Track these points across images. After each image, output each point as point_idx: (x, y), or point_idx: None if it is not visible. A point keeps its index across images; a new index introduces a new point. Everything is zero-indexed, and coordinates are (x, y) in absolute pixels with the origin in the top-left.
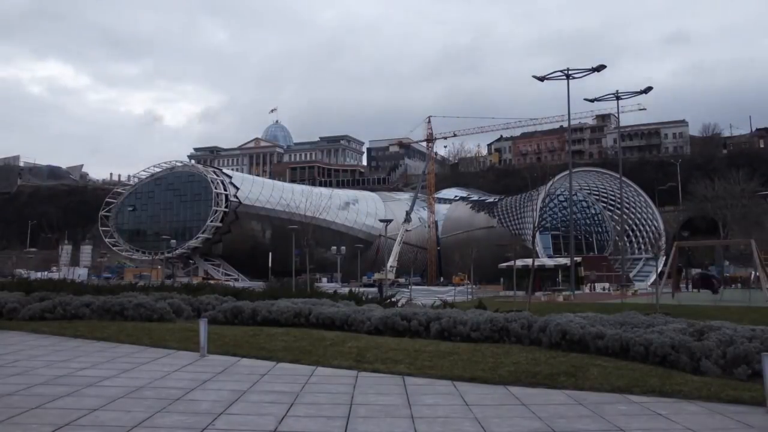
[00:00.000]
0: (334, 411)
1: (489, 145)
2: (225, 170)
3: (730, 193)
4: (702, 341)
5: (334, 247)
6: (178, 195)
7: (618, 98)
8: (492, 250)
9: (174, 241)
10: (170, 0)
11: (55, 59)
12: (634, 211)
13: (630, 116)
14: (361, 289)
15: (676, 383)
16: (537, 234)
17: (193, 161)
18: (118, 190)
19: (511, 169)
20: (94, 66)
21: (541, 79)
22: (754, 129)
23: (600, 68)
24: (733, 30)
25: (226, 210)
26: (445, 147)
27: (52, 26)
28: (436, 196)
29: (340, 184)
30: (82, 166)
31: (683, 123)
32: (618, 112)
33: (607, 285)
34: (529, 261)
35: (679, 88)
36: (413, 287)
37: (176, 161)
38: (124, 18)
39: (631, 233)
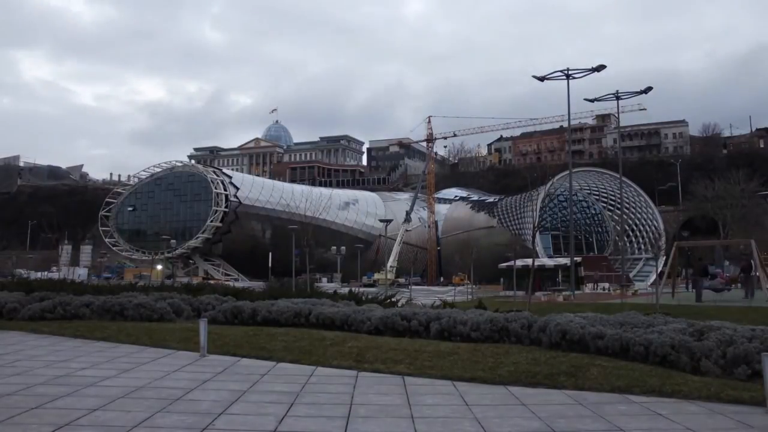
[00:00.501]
0: (334, 411)
1: (489, 145)
2: (225, 170)
3: (730, 193)
4: (702, 341)
5: (334, 247)
6: (178, 195)
7: (618, 98)
8: (492, 250)
9: (174, 241)
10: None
11: (138, 74)
12: (634, 211)
13: (630, 116)
14: (361, 289)
15: (676, 383)
16: (537, 234)
17: (193, 161)
18: (118, 190)
19: (511, 169)
20: (169, 79)
21: (541, 79)
22: (754, 129)
23: (600, 68)
24: None
25: (226, 210)
26: (445, 147)
27: (140, 45)
28: (436, 196)
29: (340, 184)
30: (82, 166)
31: (683, 123)
32: (618, 112)
33: (607, 285)
34: (529, 261)
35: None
36: (413, 287)
37: (176, 161)
38: (197, 35)
39: (631, 233)
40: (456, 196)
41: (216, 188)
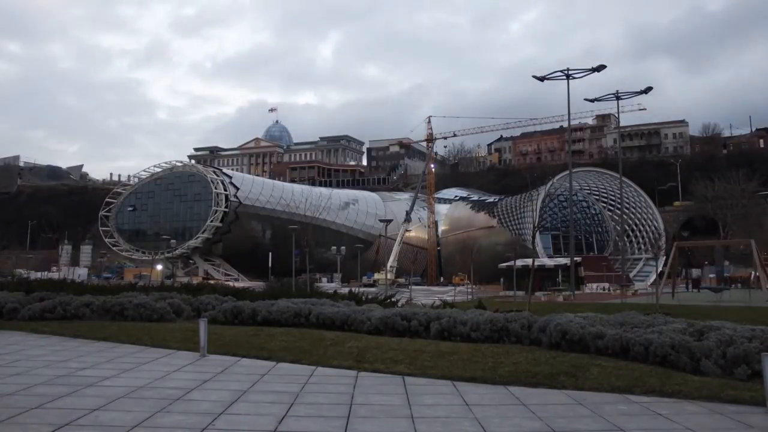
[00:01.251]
0: (334, 411)
1: (489, 145)
2: (225, 170)
3: (730, 193)
4: (702, 341)
5: (334, 247)
6: (178, 195)
7: (618, 98)
8: (492, 250)
9: (174, 241)
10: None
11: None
12: (634, 211)
13: (630, 116)
14: (361, 289)
15: (676, 383)
16: (537, 234)
17: (193, 161)
18: (118, 190)
19: (511, 169)
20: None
21: (541, 79)
22: (754, 129)
23: (600, 68)
24: None
25: (226, 210)
26: (445, 147)
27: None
28: (436, 196)
29: (340, 184)
30: (82, 166)
31: (683, 123)
32: (618, 112)
33: (606, 285)
34: (529, 261)
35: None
36: (413, 287)
37: (176, 161)
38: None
39: (631, 233)
40: (456, 196)
41: (216, 188)
